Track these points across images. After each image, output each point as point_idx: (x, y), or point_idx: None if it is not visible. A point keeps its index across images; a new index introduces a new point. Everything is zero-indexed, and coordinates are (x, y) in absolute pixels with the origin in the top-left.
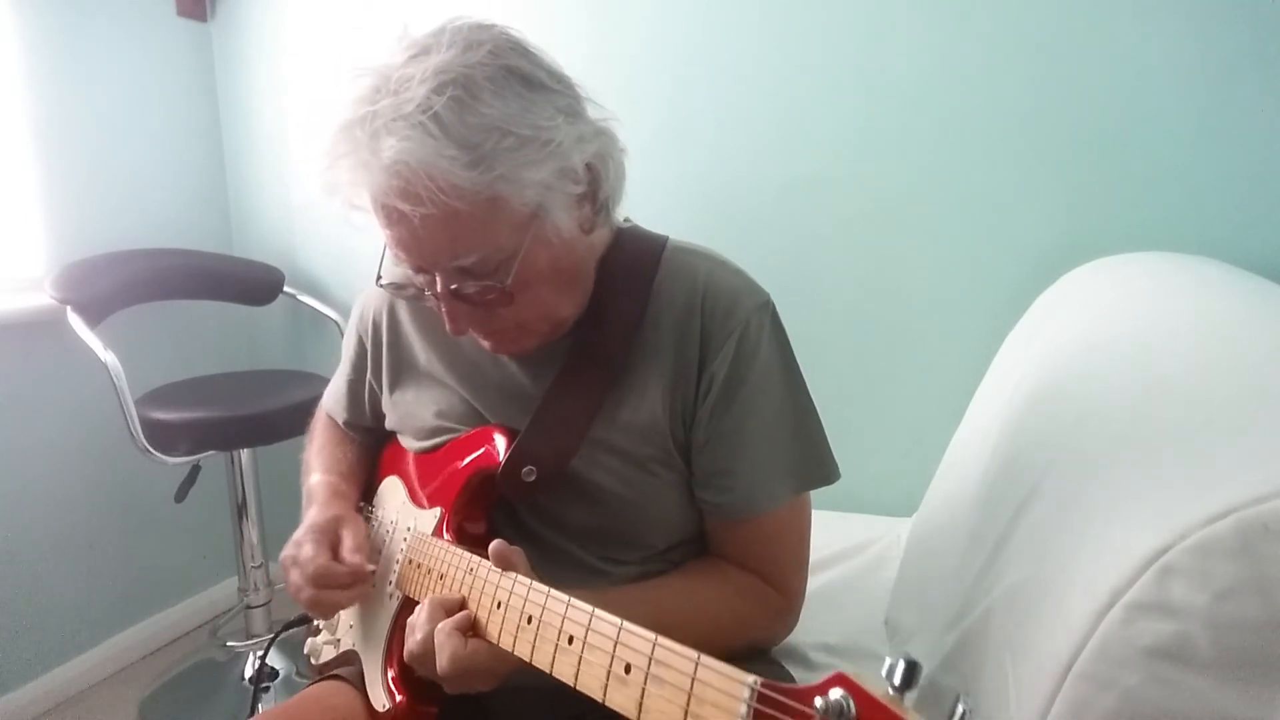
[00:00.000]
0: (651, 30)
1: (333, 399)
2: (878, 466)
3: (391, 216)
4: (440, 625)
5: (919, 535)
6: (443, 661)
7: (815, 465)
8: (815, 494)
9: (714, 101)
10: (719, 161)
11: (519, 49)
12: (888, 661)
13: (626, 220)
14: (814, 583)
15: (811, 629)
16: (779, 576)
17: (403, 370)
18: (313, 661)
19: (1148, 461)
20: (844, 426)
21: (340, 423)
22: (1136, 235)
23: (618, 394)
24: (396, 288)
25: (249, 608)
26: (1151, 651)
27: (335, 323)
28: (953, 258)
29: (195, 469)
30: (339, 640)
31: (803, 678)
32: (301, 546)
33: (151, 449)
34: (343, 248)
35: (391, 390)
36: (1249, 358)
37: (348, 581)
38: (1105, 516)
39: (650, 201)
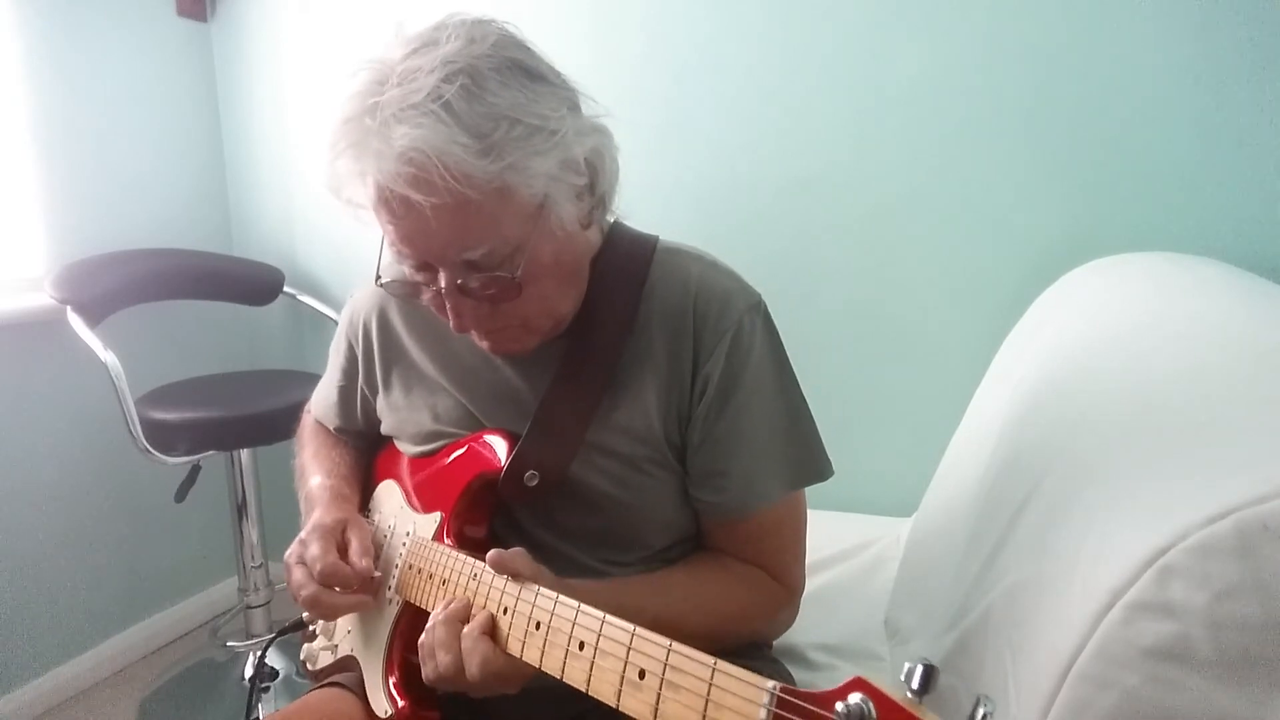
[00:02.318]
0: (652, 31)
1: (323, 406)
2: (878, 466)
3: (399, 209)
4: (465, 632)
5: (919, 535)
6: (473, 669)
7: (809, 463)
8: (814, 494)
9: (714, 101)
10: (719, 161)
11: (518, 43)
12: (906, 665)
13: (614, 218)
14: (814, 583)
15: (811, 629)
16: (779, 569)
17: (396, 375)
18: (309, 668)
19: (1148, 461)
20: (844, 426)
21: (332, 429)
22: (1136, 235)
23: (611, 397)
24: (397, 286)
25: (249, 608)
26: (1151, 652)
27: (335, 323)
28: (953, 258)
29: (195, 469)
30: (336, 646)
31: (802, 677)
32: (308, 545)
33: (151, 449)
34: (343, 248)
35: (386, 395)
36: (1249, 358)
37: (353, 584)
38: (1105, 516)
39: (650, 201)
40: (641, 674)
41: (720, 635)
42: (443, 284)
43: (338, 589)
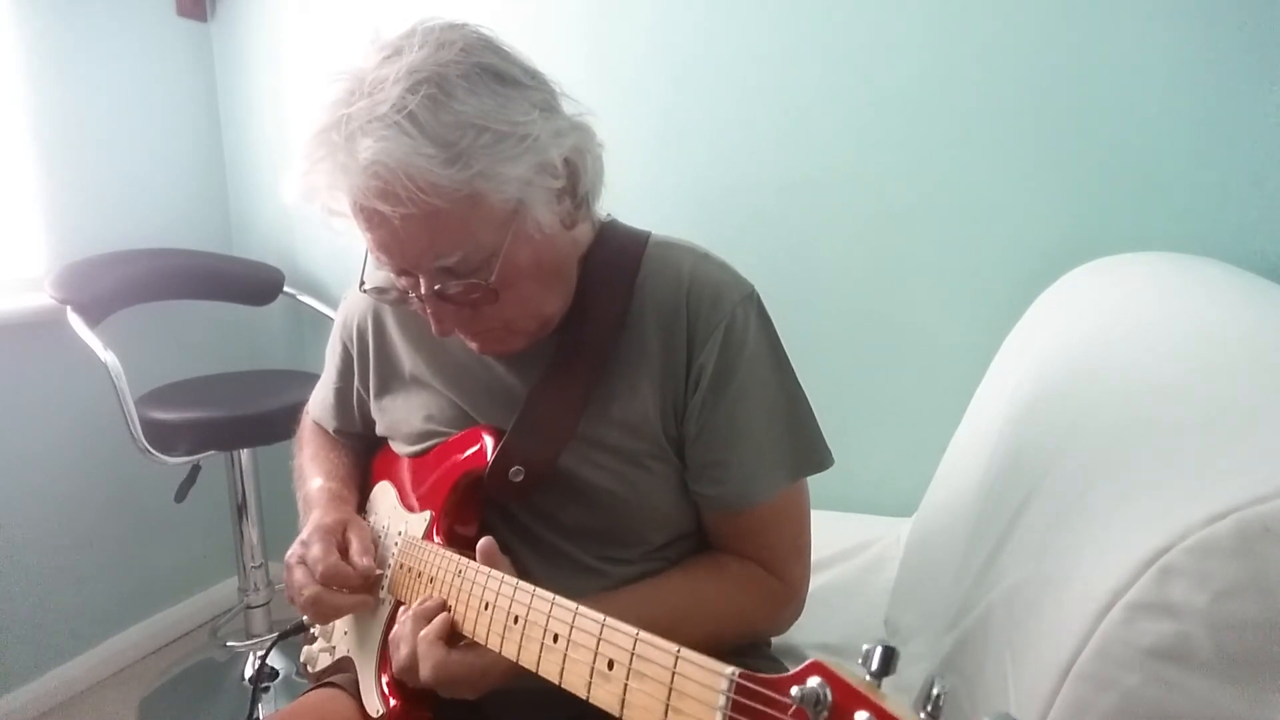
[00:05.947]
0: (653, 31)
1: (320, 408)
2: (878, 466)
3: (372, 219)
4: (421, 635)
5: (919, 535)
6: (425, 672)
7: (808, 452)
8: (815, 494)
9: (714, 101)
10: (719, 161)
11: (491, 46)
12: (864, 648)
13: (608, 216)
14: (814, 583)
15: (811, 629)
16: (779, 565)
17: (390, 376)
18: (309, 669)
19: (1148, 461)
20: (844, 427)
21: (330, 430)
22: (1136, 235)
23: (607, 390)
24: (379, 292)
25: (249, 608)
26: (1151, 652)
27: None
28: (953, 258)
29: (195, 469)
30: (334, 647)
31: None
32: (309, 546)
33: (151, 449)
34: (343, 248)
35: (380, 396)
36: (1249, 358)
37: (355, 584)
38: (1105, 517)
39: (651, 201)
40: (610, 664)
41: (718, 638)
42: (421, 290)
43: (339, 589)
